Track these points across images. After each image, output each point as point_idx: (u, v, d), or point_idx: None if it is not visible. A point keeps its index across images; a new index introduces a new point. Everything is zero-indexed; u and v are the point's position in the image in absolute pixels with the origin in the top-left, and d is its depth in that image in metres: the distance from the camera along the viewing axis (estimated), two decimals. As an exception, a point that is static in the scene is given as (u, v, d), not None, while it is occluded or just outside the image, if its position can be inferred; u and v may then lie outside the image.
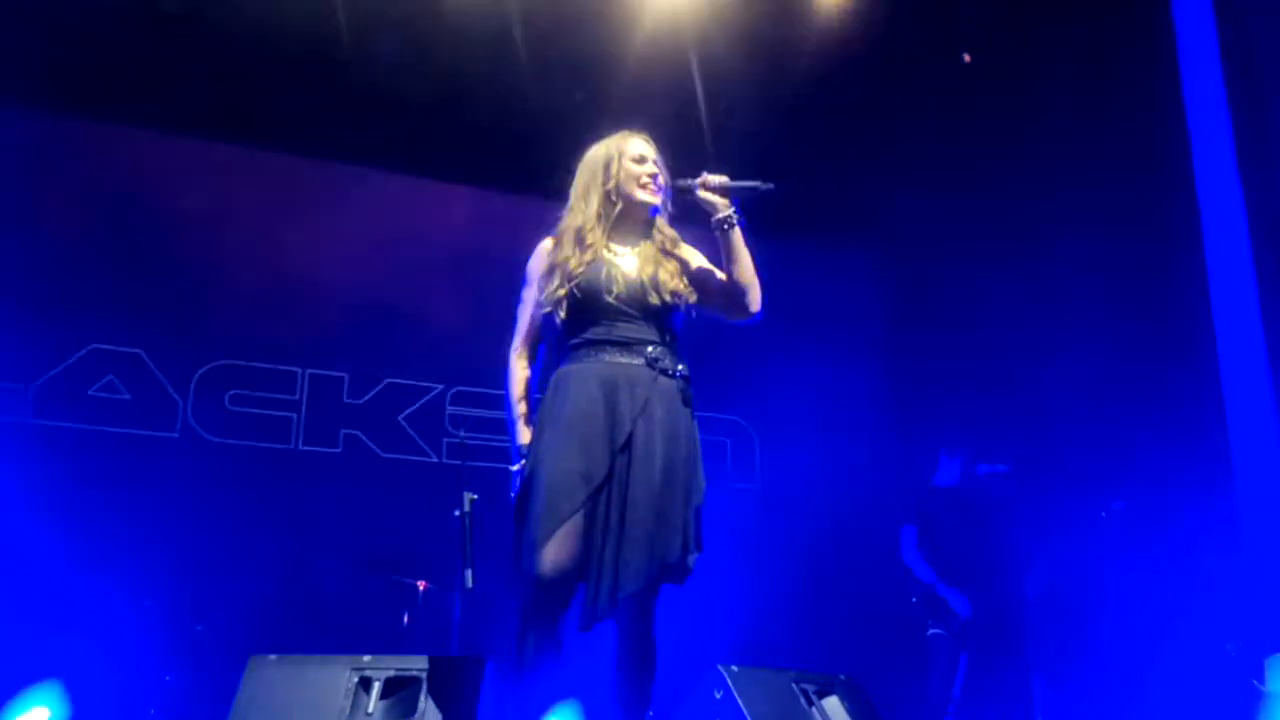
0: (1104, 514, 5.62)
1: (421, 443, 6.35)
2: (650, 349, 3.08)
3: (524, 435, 3.11)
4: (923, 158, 6.74)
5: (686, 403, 3.13)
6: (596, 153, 3.27)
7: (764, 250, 3.19)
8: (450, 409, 6.42)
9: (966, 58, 6.74)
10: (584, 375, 3.04)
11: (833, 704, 3.36)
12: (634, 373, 3.04)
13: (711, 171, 3.15)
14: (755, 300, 3.17)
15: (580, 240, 3.14)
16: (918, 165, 6.74)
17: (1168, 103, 5.93)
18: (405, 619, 5.39)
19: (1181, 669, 5.25)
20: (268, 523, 5.83)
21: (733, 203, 3.15)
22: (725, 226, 3.13)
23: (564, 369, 3.10)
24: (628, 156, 3.22)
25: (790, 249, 5.71)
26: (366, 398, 6.34)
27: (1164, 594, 5.49)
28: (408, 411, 6.39)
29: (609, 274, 3.09)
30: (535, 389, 3.18)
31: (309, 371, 6.26)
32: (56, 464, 5.60)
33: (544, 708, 3.08)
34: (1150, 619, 5.50)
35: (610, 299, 3.07)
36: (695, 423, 3.14)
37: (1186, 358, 5.79)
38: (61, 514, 5.40)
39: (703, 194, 3.16)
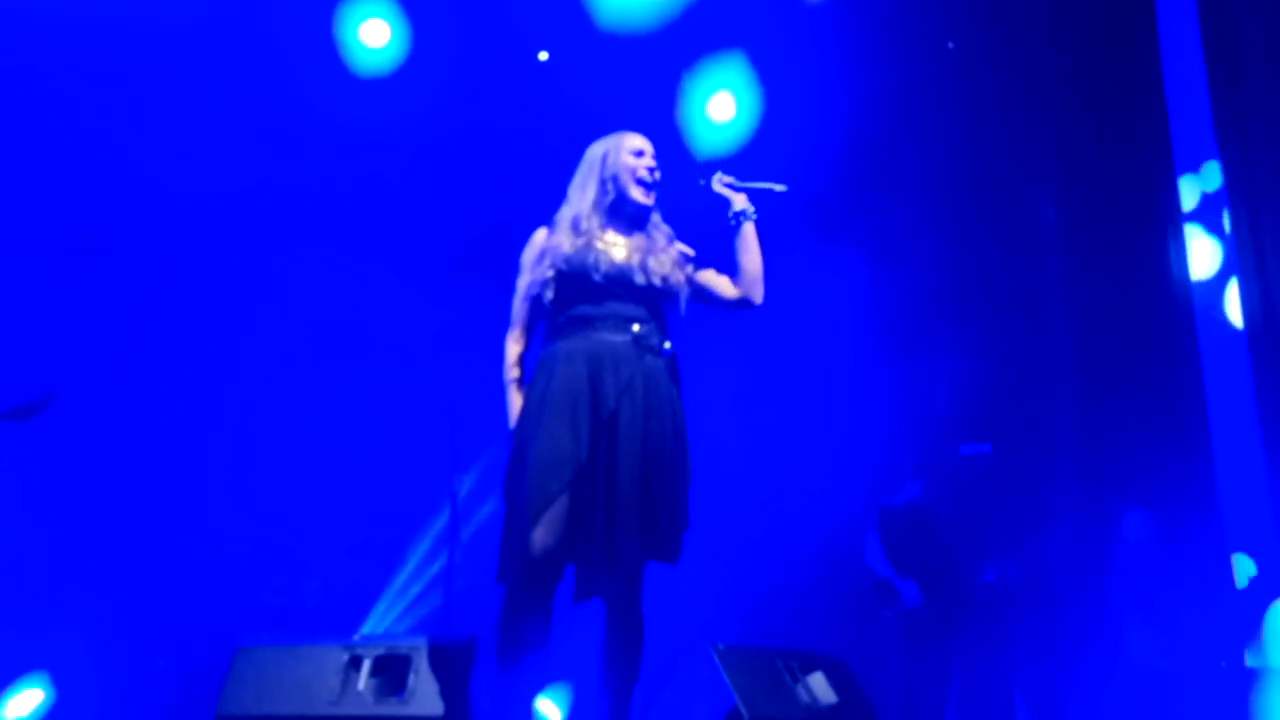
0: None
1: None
2: (637, 327, 3.12)
3: (516, 399, 3.17)
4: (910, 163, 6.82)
5: (674, 381, 3.17)
6: (595, 147, 3.34)
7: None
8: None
9: (950, 45, 6.78)
10: (570, 353, 3.08)
11: (817, 679, 3.41)
12: (620, 350, 3.07)
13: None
14: (760, 292, 3.29)
15: (575, 227, 3.20)
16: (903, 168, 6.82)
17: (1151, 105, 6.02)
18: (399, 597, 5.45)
19: (1164, 661, 5.32)
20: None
21: (749, 199, 3.29)
22: (741, 219, 3.27)
23: (551, 347, 3.14)
24: (625, 149, 3.29)
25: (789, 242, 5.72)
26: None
27: (1146, 588, 5.55)
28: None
29: (597, 257, 3.13)
30: (529, 364, 3.23)
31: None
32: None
33: (534, 686, 3.12)
34: (1132, 611, 5.56)
35: (597, 278, 3.11)
36: (681, 401, 3.19)
37: (1172, 359, 5.87)
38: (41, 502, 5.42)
39: (718, 188, 3.28)
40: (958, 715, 5.44)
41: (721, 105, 6.67)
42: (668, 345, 3.17)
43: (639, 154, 3.29)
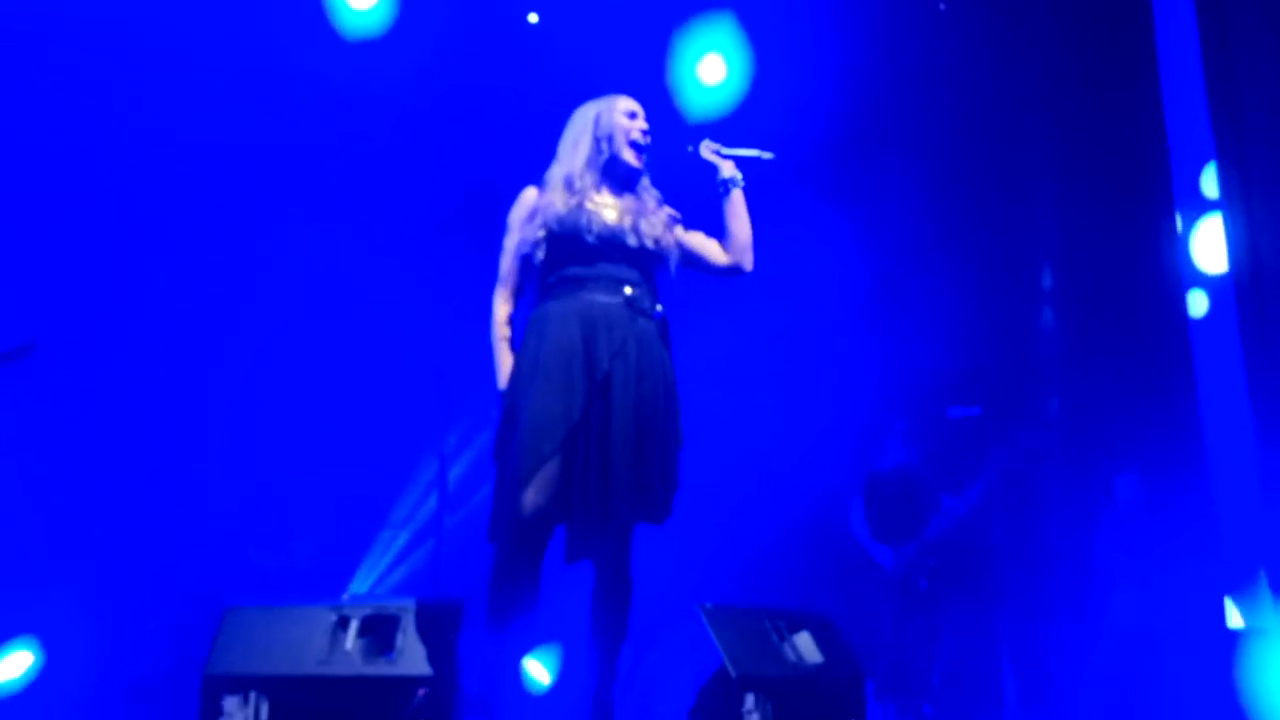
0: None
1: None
2: (629, 289, 3.12)
3: (506, 359, 3.16)
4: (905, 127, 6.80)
5: (665, 343, 3.18)
6: (587, 107, 3.33)
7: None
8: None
9: (942, 6, 6.75)
10: (563, 314, 3.07)
11: (804, 639, 3.44)
12: (612, 312, 3.08)
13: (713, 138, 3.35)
14: (750, 259, 3.31)
15: (569, 185, 3.19)
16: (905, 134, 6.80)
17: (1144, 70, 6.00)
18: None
19: (1150, 622, 5.37)
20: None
21: (736, 165, 3.30)
22: (729, 186, 3.28)
23: (542, 307, 3.14)
24: (619, 110, 3.29)
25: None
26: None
27: (1132, 551, 5.59)
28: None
29: (589, 218, 3.12)
30: (518, 324, 3.23)
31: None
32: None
33: (523, 647, 3.13)
34: (1119, 573, 5.60)
35: (590, 239, 3.11)
36: (672, 364, 3.20)
37: (1161, 326, 5.89)
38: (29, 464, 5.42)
39: (706, 155, 3.28)
40: (945, 676, 5.48)
41: (711, 68, 6.63)
42: (659, 308, 3.18)
43: (632, 116, 3.30)
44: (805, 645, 3.43)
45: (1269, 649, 4.48)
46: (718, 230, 3.33)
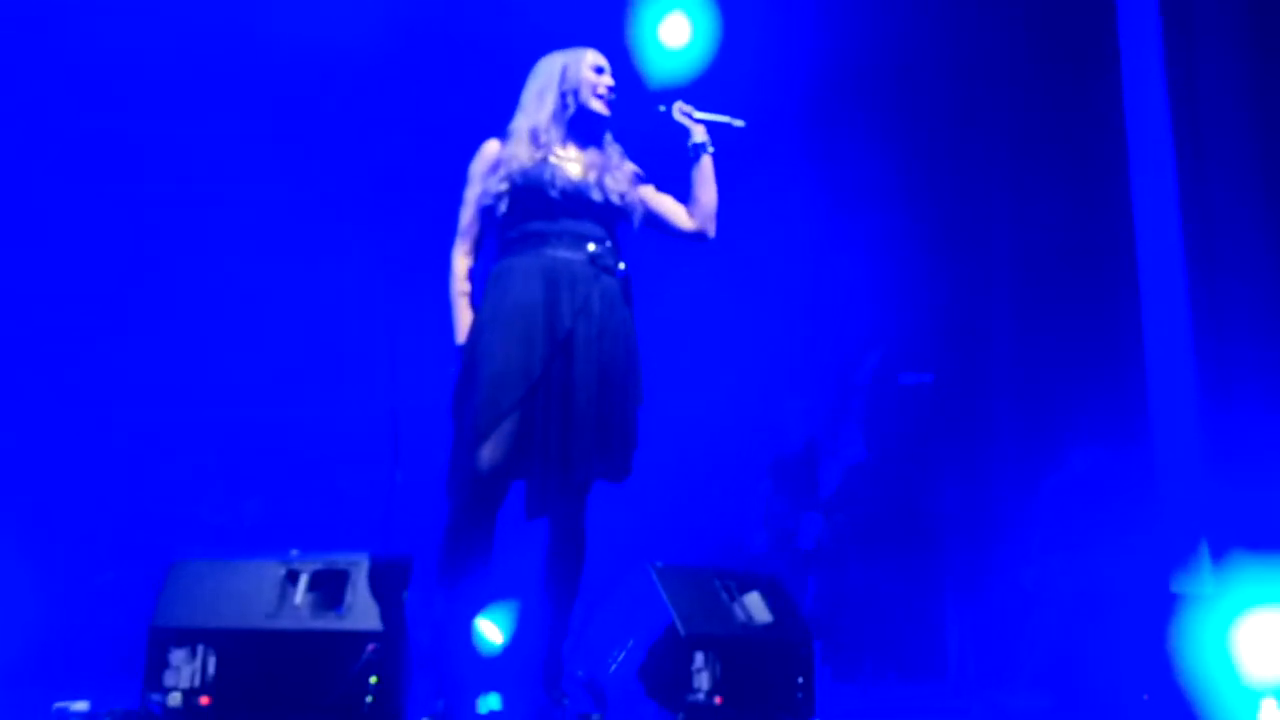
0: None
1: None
2: (592, 246, 3.11)
3: (465, 314, 3.15)
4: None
5: (627, 301, 3.18)
6: (553, 59, 3.30)
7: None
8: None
9: None
10: (526, 270, 3.06)
11: (753, 599, 3.47)
12: (575, 269, 3.07)
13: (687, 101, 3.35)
14: (713, 226, 3.32)
15: (535, 138, 3.17)
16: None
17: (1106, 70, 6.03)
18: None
19: (1093, 586, 5.46)
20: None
21: (706, 130, 3.31)
22: (699, 152, 3.30)
23: (505, 262, 3.12)
24: (585, 64, 3.26)
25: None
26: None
27: (1078, 515, 5.67)
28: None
29: (553, 172, 3.11)
30: (478, 279, 3.21)
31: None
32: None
33: (476, 604, 3.14)
34: (1064, 539, 5.69)
35: (553, 193, 3.09)
36: (634, 322, 3.20)
37: (1110, 302, 5.95)
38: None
39: (678, 117, 3.28)
40: (888, 638, 5.56)
41: (675, 29, 6.55)
42: (622, 265, 3.18)
43: (599, 71, 3.28)
44: (755, 605, 3.47)
45: (1207, 614, 4.57)
46: (683, 195, 3.33)
